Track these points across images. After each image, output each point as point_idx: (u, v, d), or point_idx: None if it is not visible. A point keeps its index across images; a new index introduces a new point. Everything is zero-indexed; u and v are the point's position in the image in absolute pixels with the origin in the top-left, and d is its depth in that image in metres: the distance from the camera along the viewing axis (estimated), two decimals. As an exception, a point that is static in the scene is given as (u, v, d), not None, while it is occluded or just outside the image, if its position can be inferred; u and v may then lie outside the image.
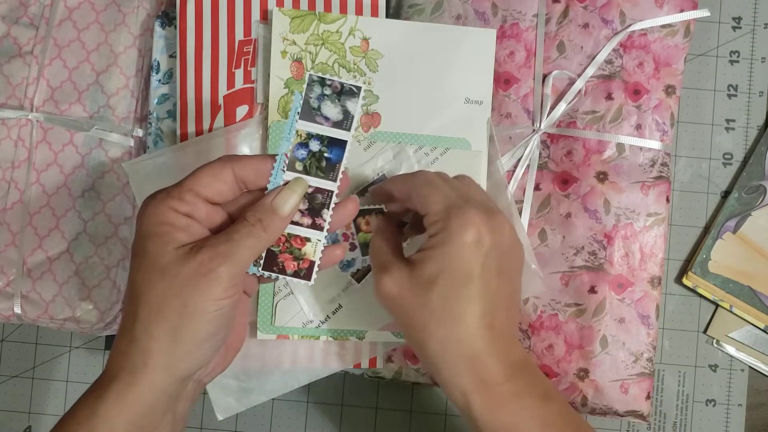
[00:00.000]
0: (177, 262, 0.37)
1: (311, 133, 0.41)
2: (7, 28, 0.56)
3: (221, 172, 0.39)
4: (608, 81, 0.55)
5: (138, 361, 0.37)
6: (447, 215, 0.40)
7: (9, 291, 0.54)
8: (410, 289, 0.40)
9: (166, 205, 0.38)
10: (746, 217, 0.58)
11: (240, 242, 0.38)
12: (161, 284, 0.37)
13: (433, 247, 0.40)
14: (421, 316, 0.40)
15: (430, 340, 0.40)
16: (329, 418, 0.59)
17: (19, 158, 0.55)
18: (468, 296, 0.40)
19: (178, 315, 0.37)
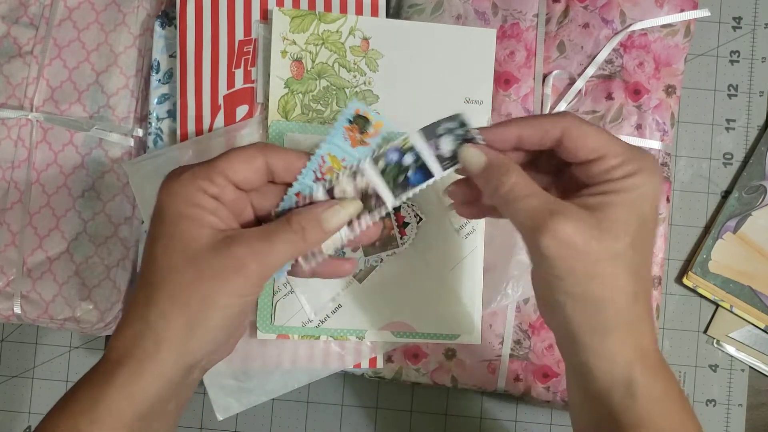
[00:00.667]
0: (210, 251, 0.35)
1: (414, 148, 0.39)
2: (7, 28, 0.56)
3: (254, 159, 0.37)
4: (608, 81, 0.55)
5: (150, 346, 0.35)
6: (634, 157, 0.35)
7: (9, 291, 0.54)
8: (598, 234, 0.34)
9: (196, 185, 0.36)
10: (746, 217, 0.58)
11: (278, 245, 0.36)
12: (189, 271, 0.35)
13: (625, 191, 0.35)
14: (610, 266, 0.34)
15: (615, 295, 0.35)
16: (329, 418, 0.59)
17: (19, 158, 0.55)
18: (650, 248, 0.37)
19: (200, 305, 0.35)
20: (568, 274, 0.35)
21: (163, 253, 0.36)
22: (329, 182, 0.39)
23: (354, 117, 0.39)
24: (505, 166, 0.36)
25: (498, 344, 0.54)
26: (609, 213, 0.35)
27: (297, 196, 0.39)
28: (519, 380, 0.55)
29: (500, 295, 0.53)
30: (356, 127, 0.39)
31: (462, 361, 0.55)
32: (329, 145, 0.39)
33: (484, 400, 0.60)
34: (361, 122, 0.39)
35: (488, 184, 0.37)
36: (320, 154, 0.38)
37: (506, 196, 0.36)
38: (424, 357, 0.55)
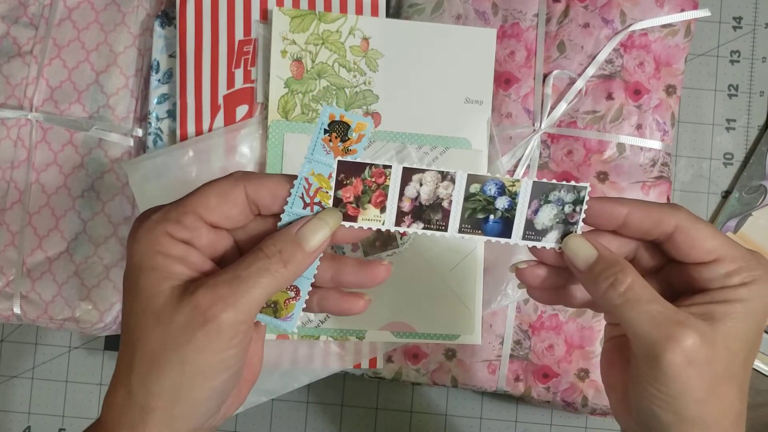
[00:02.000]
0: (171, 307, 0.31)
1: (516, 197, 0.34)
2: (6, 28, 0.56)
3: (231, 192, 0.32)
4: (609, 81, 0.55)
5: (136, 418, 0.31)
6: (751, 263, 0.33)
7: (9, 291, 0.54)
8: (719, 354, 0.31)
9: (162, 229, 0.32)
10: (747, 217, 0.58)
11: (250, 280, 0.31)
12: (155, 333, 0.31)
13: (745, 301, 0.32)
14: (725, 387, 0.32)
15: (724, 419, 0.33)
16: (329, 418, 0.59)
17: (19, 158, 0.55)
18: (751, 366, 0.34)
19: (177, 372, 0.31)
20: (683, 394, 0.32)
21: (129, 312, 0.32)
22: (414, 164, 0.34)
23: (330, 124, 0.33)
24: (621, 264, 0.33)
25: (498, 344, 0.54)
26: (730, 326, 0.32)
27: None
28: (519, 380, 0.55)
29: (500, 295, 0.53)
30: (336, 136, 0.34)
31: (462, 362, 0.55)
32: (311, 163, 0.33)
33: (484, 400, 0.60)
34: (339, 129, 0.34)
35: (597, 282, 0.33)
36: (303, 176, 0.33)
37: (624, 296, 0.32)
38: (424, 357, 0.55)
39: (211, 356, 0.31)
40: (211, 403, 0.32)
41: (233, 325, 0.30)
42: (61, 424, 0.60)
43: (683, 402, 0.31)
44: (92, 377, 0.60)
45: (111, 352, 0.60)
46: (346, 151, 0.34)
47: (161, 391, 0.31)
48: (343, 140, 0.34)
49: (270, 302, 0.34)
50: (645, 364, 0.32)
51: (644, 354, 0.32)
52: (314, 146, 0.33)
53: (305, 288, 0.34)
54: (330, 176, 0.34)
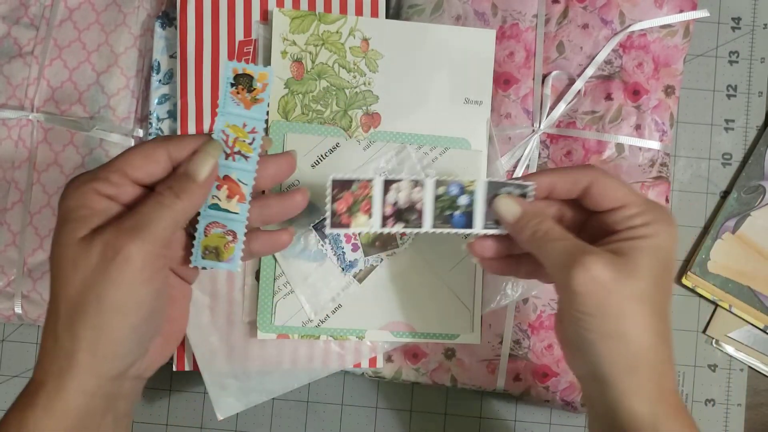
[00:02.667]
0: (84, 249, 0.33)
1: (474, 194, 0.41)
2: (7, 29, 0.56)
3: (154, 152, 0.36)
4: (608, 81, 0.55)
5: (63, 363, 0.34)
6: (654, 207, 0.39)
7: (10, 291, 0.54)
8: (626, 275, 0.36)
9: (89, 186, 0.35)
10: (745, 217, 0.58)
11: (149, 214, 0.34)
12: (73, 277, 0.33)
13: (647, 237, 0.38)
14: (637, 306, 0.36)
15: (640, 333, 0.37)
16: (329, 418, 0.60)
17: (20, 158, 0.55)
18: (670, 291, 0.39)
19: (95, 311, 0.33)
20: (598, 311, 0.36)
21: (52, 265, 0.35)
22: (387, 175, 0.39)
23: (235, 78, 0.37)
24: (540, 214, 0.40)
25: (497, 344, 0.55)
26: (634, 256, 0.37)
27: (216, 179, 0.38)
28: (518, 380, 0.55)
29: (500, 295, 0.54)
30: (242, 88, 0.37)
31: (462, 361, 0.55)
32: (224, 117, 0.37)
33: (484, 400, 0.60)
34: (244, 81, 0.37)
35: (523, 232, 0.39)
36: (220, 129, 0.37)
37: (542, 238, 0.38)
38: (423, 357, 0.55)
39: (125, 290, 0.33)
40: (130, 343, 0.35)
41: (140, 255, 0.33)
42: (61, 423, 0.60)
43: (598, 319, 0.36)
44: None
45: (111, 351, 0.60)
46: (254, 100, 0.37)
47: (83, 332, 0.33)
48: (249, 91, 0.37)
49: (211, 248, 0.38)
50: (562, 291, 0.38)
51: (560, 282, 0.37)
52: (224, 100, 0.37)
53: (241, 231, 0.38)
54: (244, 125, 0.37)
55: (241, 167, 0.38)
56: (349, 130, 0.53)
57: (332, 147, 0.53)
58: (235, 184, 0.38)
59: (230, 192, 0.38)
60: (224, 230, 0.38)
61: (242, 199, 0.38)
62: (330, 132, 0.53)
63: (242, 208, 0.38)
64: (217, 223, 0.38)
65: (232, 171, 0.38)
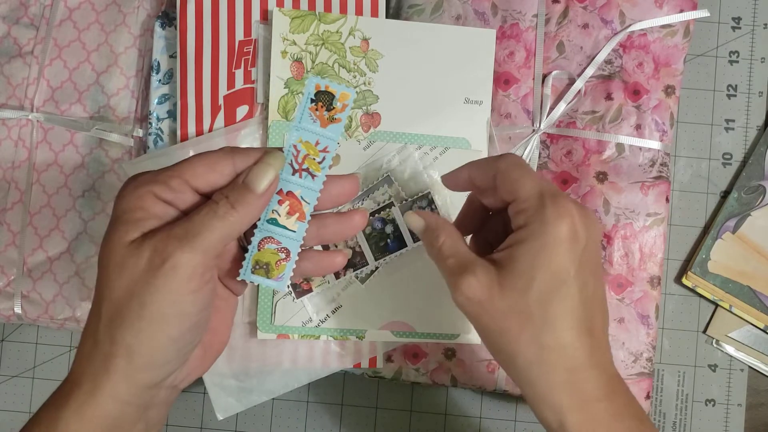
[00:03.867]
0: (133, 253, 0.32)
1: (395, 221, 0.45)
2: (7, 29, 0.56)
3: (219, 163, 0.35)
4: (608, 81, 0.55)
5: (99, 367, 0.33)
6: (541, 203, 0.35)
7: (9, 291, 0.54)
8: (500, 291, 0.34)
9: (147, 188, 0.33)
10: (746, 217, 0.58)
11: (201, 223, 0.32)
12: (119, 280, 0.32)
13: (525, 241, 0.35)
14: (515, 322, 0.35)
15: (524, 350, 0.35)
16: (329, 418, 0.60)
17: (20, 158, 0.55)
18: (567, 298, 0.35)
19: (136, 317, 0.32)
20: (481, 330, 0.36)
21: (99, 262, 0.34)
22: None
23: (316, 94, 0.36)
24: (438, 229, 0.39)
25: (498, 344, 0.55)
26: (512, 267, 0.35)
27: (279, 194, 0.37)
28: (518, 380, 0.55)
29: (500, 294, 0.53)
30: (322, 105, 0.36)
31: (461, 361, 0.55)
32: (299, 132, 0.36)
33: (484, 400, 0.60)
34: (325, 98, 0.36)
35: (426, 243, 0.40)
36: (291, 143, 0.36)
37: (436, 255, 0.38)
38: (423, 357, 0.55)
39: (169, 300, 0.32)
40: (169, 353, 0.33)
41: (190, 264, 0.32)
42: (61, 423, 0.60)
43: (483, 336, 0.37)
44: (93, 377, 0.60)
45: (111, 351, 0.60)
46: (331, 119, 0.36)
47: (122, 338, 0.32)
48: (328, 109, 0.36)
49: (262, 263, 0.37)
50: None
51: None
52: (301, 115, 0.36)
53: (295, 250, 0.37)
54: (317, 143, 0.36)
55: (306, 185, 0.37)
56: (349, 130, 0.53)
57: (332, 147, 0.53)
58: (298, 202, 0.37)
59: (291, 209, 0.37)
60: (278, 247, 0.37)
61: (302, 217, 0.37)
62: (330, 132, 0.53)
63: (300, 227, 0.37)
64: (272, 239, 0.37)
65: (297, 188, 0.36)
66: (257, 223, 0.36)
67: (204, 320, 0.35)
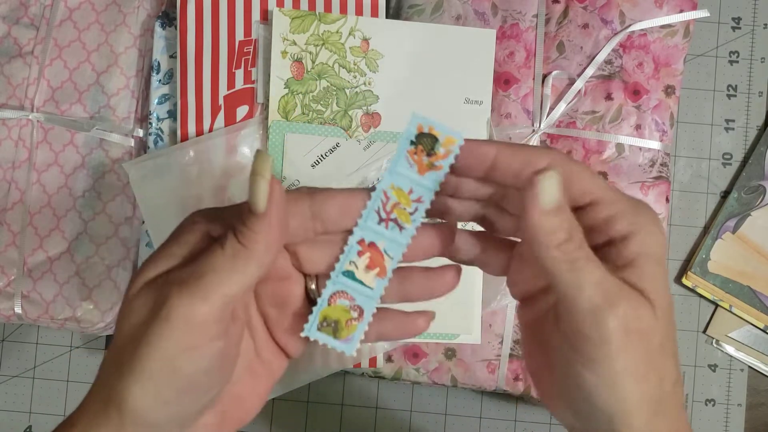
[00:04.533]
0: (140, 295, 0.28)
1: None
2: (7, 29, 0.56)
3: (294, 203, 0.29)
4: (608, 81, 0.55)
5: (95, 413, 0.29)
6: (631, 206, 0.29)
7: (9, 291, 0.54)
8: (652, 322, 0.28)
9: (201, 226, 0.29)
10: (746, 217, 0.58)
11: (207, 263, 0.27)
12: (123, 323, 0.29)
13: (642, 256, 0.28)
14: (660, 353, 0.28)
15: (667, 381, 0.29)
16: (329, 418, 0.60)
17: (20, 158, 0.55)
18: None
19: (128, 369, 0.28)
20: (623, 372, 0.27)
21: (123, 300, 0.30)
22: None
23: (417, 136, 0.31)
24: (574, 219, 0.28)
25: (497, 344, 0.55)
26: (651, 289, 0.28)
27: (360, 244, 0.31)
28: (518, 380, 0.55)
29: (500, 294, 0.54)
30: (421, 149, 0.31)
31: (462, 361, 0.55)
32: (392, 176, 0.31)
33: (484, 400, 0.60)
34: (426, 142, 0.31)
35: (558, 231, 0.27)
36: (382, 189, 0.31)
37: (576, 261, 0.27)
38: (423, 356, 0.55)
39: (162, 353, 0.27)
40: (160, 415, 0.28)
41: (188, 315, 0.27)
42: (61, 423, 0.60)
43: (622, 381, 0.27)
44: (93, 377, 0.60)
45: (112, 351, 0.61)
46: (430, 165, 0.31)
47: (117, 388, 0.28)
48: (428, 154, 0.31)
49: (330, 320, 0.32)
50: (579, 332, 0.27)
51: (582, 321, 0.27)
52: (398, 158, 0.31)
53: (370, 310, 0.32)
54: (410, 191, 0.31)
55: (392, 237, 0.31)
56: (350, 130, 0.53)
57: (332, 147, 0.53)
58: (380, 255, 0.31)
59: (371, 262, 0.31)
60: (351, 303, 0.32)
61: (382, 273, 0.32)
62: (330, 132, 0.53)
63: (379, 284, 0.32)
64: (345, 294, 0.32)
65: (381, 239, 0.31)
66: (331, 273, 0.31)
67: (211, 384, 0.29)
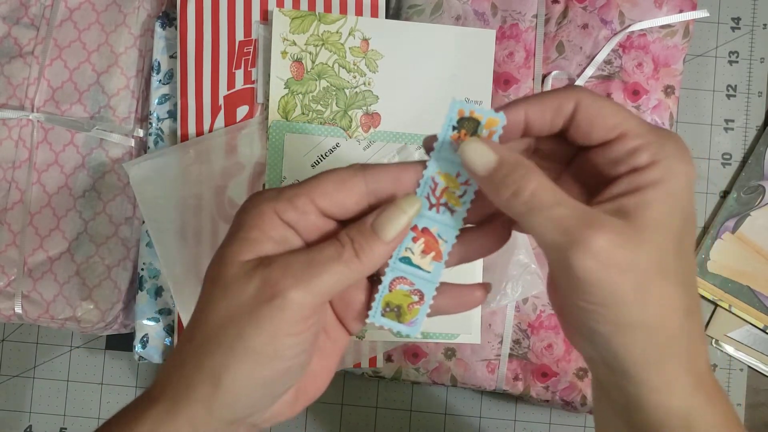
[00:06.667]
0: (243, 278, 0.30)
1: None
2: (7, 29, 0.56)
3: (350, 180, 0.31)
4: (607, 81, 0.55)
5: (181, 389, 0.30)
6: (659, 137, 0.29)
7: (10, 291, 0.54)
8: (639, 249, 0.28)
9: (271, 205, 0.31)
10: (745, 217, 0.59)
11: (323, 265, 0.29)
12: (221, 303, 0.30)
13: (658, 183, 0.28)
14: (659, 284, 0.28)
15: (671, 317, 0.29)
16: (329, 418, 0.60)
17: (20, 158, 0.55)
18: (693, 249, 0.30)
19: (229, 348, 0.29)
20: (612, 300, 0.28)
21: (205, 279, 0.31)
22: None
23: (459, 121, 0.31)
24: (524, 166, 0.29)
25: (497, 344, 0.55)
26: (648, 216, 0.28)
27: (414, 230, 0.32)
28: (518, 380, 0.55)
29: (499, 294, 0.54)
30: (465, 133, 0.31)
31: (461, 361, 0.55)
32: (438, 162, 0.32)
33: (484, 400, 0.60)
34: (469, 125, 0.31)
35: (501, 190, 0.29)
36: (429, 176, 0.32)
37: (529, 203, 0.28)
38: (423, 356, 0.55)
39: (270, 336, 0.29)
40: (256, 394, 0.31)
41: (300, 305, 0.29)
42: (62, 423, 0.60)
43: (614, 309, 0.28)
44: (93, 377, 0.60)
45: (112, 351, 0.61)
46: None
47: (211, 366, 0.30)
48: (473, 135, 0.31)
49: (393, 306, 0.33)
50: (561, 275, 0.29)
51: (558, 264, 0.28)
52: (442, 144, 0.31)
53: (430, 293, 0.33)
54: (458, 175, 0.32)
55: (444, 221, 0.32)
56: (349, 130, 0.53)
57: (332, 147, 0.53)
58: (434, 240, 0.32)
59: (426, 247, 0.33)
60: (411, 288, 0.33)
61: (438, 257, 0.33)
62: (330, 132, 0.53)
63: (436, 268, 0.33)
64: (405, 279, 0.33)
65: (434, 224, 0.32)
66: (389, 261, 0.32)
67: (300, 365, 0.31)
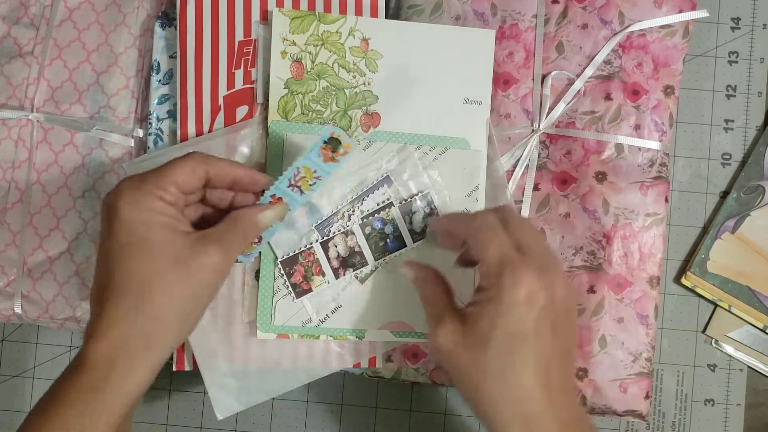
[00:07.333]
0: (191, 252, 0.40)
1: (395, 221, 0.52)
2: (7, 29, 0.56)
3: (197, 168, 0.43)
4: (607, 81, 0.55)
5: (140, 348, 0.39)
6: (500, 270, 0.39)
7: (9, 291, 0.54)
8: (464, 345, 0.40)
9: (154, 194, 0.41)
10: (745, 217, 0.59)
11: (233, 242, 0.43)
12: (176, 273, 0.40)
13: (485, 303, 0.40)
14: (474, 374, 0.39)
15: (483, 399, 0.39)
16: (329, 418, 0.60)
17: (20, 158, 0.55)
18: (522, 355, 0.39)
19: (190, 302, 0.40)
20: (449, 373, 0.42)
21: (140, 261, 0.40)
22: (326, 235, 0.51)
23: (329, 138, 0.44)
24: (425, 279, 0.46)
25: (497, 344, 0.55)
26: (474, 323, 0.40)
27: (272, 198, 0.46)
28: (518, 380, 0.55)
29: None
30: (330, 147, 0.45)
31: (461, 361, 0.55)
32: (305, 160, 0.45)
33: (484, 400, 0.60)
34: (334, 143, 0.45)
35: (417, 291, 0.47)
36: (297, 166, 0.45)
37: (422, 300, 0.45)
38: (423, 356, 0.55)
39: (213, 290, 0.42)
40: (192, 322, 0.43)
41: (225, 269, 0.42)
42: (61, 423, 0.60)
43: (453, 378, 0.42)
44: (93, 377, 0.60)
45: (111, 351, 0.60)
46: (332, 159, 0.45)
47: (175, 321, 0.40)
48: (333, 151, 0.45)
49: None
50: None
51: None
52: (313, 149, 0.45)
53: (266, 238, 0.49)
54: (314, 172, 0.46)
55: (293, 196, 0.47)
56: (349, 130, 0.53)
57: (332, 147, 0.53)
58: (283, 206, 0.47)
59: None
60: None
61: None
62: (330, 132, 0.53)
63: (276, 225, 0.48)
64: None
65: (286, 197, 0.47)
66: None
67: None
